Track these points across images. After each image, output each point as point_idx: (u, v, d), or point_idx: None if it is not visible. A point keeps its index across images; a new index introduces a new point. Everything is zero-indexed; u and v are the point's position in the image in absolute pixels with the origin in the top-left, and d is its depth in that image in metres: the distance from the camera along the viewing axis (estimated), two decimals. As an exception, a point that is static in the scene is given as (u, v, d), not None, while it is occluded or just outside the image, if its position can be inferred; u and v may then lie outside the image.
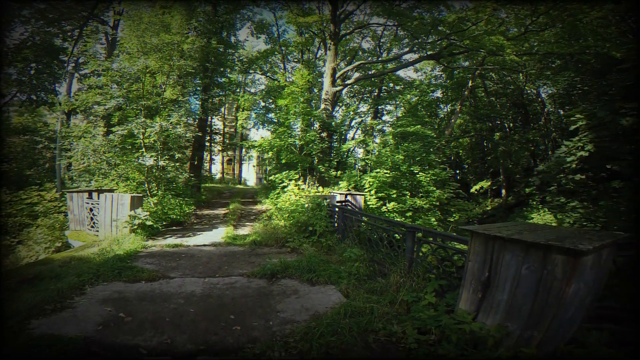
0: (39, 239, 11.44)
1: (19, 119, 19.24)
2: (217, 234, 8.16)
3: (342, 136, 22.64)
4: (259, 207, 14.17)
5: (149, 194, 9.84)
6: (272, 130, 17.51)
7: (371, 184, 12.83)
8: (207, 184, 24.38)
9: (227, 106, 33.73)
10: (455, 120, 21.44)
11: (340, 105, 23.69)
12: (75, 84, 16.67)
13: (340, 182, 14.27)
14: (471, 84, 19.89)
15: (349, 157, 19.01)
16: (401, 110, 23.23)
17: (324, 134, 15.07)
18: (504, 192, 20.81)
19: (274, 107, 20.51)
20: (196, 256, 5.97)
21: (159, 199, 9.62)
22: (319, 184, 13.90)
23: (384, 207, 12.82)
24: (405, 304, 3.65)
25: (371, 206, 12.42)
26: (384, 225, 6.00)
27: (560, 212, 11.81)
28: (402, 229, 4.91)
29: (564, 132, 15.78)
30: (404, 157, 13.76)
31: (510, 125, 23.12)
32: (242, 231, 8.80)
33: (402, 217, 12.29)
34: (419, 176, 13.73)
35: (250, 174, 42.26)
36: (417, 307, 3.40)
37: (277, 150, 14.22)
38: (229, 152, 36.84)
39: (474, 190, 22.66)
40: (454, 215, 15.71)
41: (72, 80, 16.07)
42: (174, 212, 9.47)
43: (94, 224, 8.35)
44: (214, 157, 34.83)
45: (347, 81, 17.70)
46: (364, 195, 10.38)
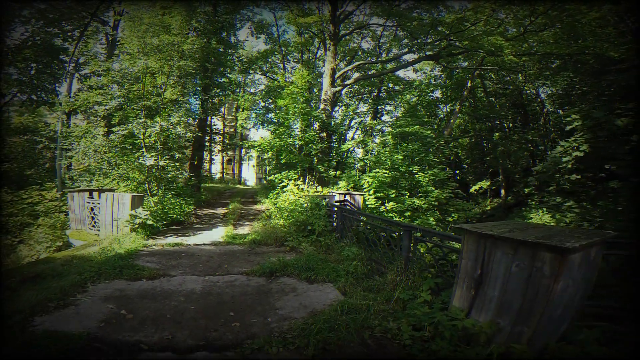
0: (40, 238, 11.53)
1: (19, 119, 19.30)
2: (217, 233, 8.22)
3: (342, 136, 22.69)
4: (259, 206, 14.23)
5: (150, 194, 9.91)
6: (271, 130, 17.56)
7: (370, 183, 12.89)
8: (207, 184, 24.45)
9: (227, 106, 33.78)
10: (454, 120, 21.48)
11: (340, 105, 23.74)
12: (75, 84, 16.73)
13: (339, 182, 14.33)
14: (470, 84, 19.92)
15: (348, 157, 19.08)
16: (401, 110, 23.26)
17: (324, 134, 15.14)
18: (503, 192, 20.86)
19: (273, 107, 20.57)
20: (196, 255, 6.04)
21: (159, 199, 9.69)
22: (318, 184, 13.96)
23: (382, 207, 12.88)
24: (401, 301, 3.71)
25: (370, 206, 12.47)
26: (381, 224, 6.06)
27: (556, 212, 11.88)
28: (399, 228, 4.98)
29: (563, 133, 15.85)
30: (403, 157, 13.81)
31: (509, 125, 23.13)
32: (242, 230, 8.87)
33: (401, 217, 12.34)
34: (417, 176, 13.79)
35: (250, 174, 42.32)
36: (413, 305, 3.46)
37: (277, 150, 14.30)
38: (229, 152, 36.90)
39: (473, 190, 22.71)
40: (452, 215, 15.76)
41: (72, 80, 16.13)
42: (174, 211, 9.54)
43: (95, 223, 8.42)
44: (213, 157, 34.90)
45: (347, 81, 17.73)
46: (362, 195, 10.44)
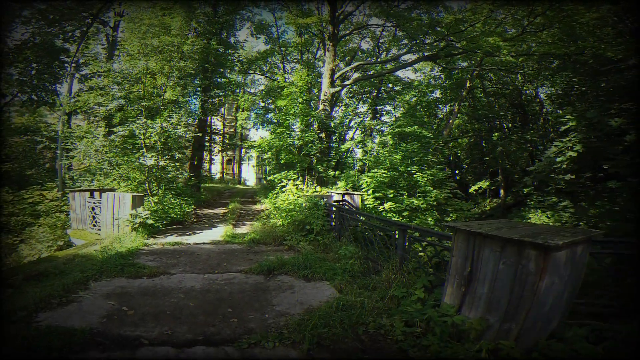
0: (41, 238, 11.64)
1: (20, 119, 19.40)
2: (217, 233, 8.31)
3: (341, 136, 22.76)
4: (258, 206, 14.32)
5: (150, 194, 10.01)
6: (271, 130, 17.64)
7: (368, 183, 12.97)
8: (207, 184, 24.54)
9: (226, 106, 33.86)
10: (453, 120, 21.55)
11: (339, 105, 23.82)
12: (75, 84, 16.84)
13: (338, 182, 14.41)
14: (469, 84, 19.99)
15: (347, 157, 19.14)
16: (400, 110, 23.33)
17: (323, 135, 15.21)
18: (503, 192, 20.94)
19: (273, 107, 20.66)
20: (196, 253, 6.13)
21: (159, 199, 9.78)
22: (317, 184, 14.05)
23: (381, 206, 12.95)
24: (396, 299, 3.80)
25: (368, 206, 12.54)
26: (378, 223, 6.14)
27: (550, 211, 11.96)
28: (394, 227, 5.06)
29: (562, 133, 15.93)
30: (401, 157, 13.88)
31: (508, 125, 23.17)
32: (241, 230, 8.96)
33: (399, 217, 12.40)
34: (416, 176, 13.85)
35: (249, 174, 42.42)
36: (406, 302, 3.55)
37: (276, 150, 14.38)
38: (229, 152, 37.00)
39: (472, 190, 22.77)
40: (451, 215, 15.85)
41: (73, 80, 16.23)
42: (174, 211, 9.62)
43: (96, 222, 8.52)
44: (213, 157, 35.01)
45: (346, 82, 17.80)
46: (361, 195, 10.52)
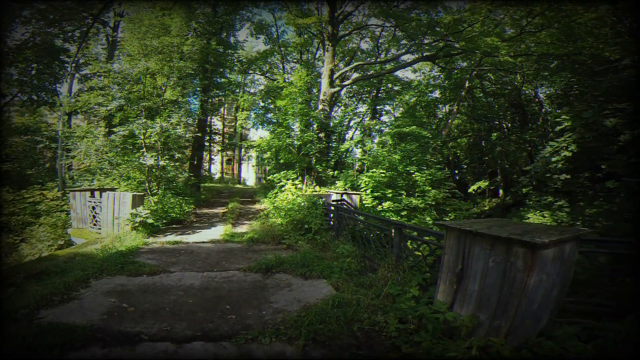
0: (41, 237, 11.72)
1: (20, 119, 19.47)
2: (216, 232, 8.38)
3: (341, 136, 22.83)
4: (258, 206, 14.39)
5: (150, 193, 10.08)
6: (271, 130, 17.72)
7: (367, 183, 13.04)
8: (207, 184, 24.62)
9: (226, 106, 33.93)
10: (452, 120, 21.60)
11: (339, 105, 23.87)
12: (75, 84, 16.90)
13: (337, 182, 14.48)
14: (468, 84, 20.03)
15: (346, 157, 19.22)
16: (399, 110, 23.39)
17: (322, 135, 15.27)
18: (502, 192, 20.99)
19: (273, 107, 20.72)
20: (195, 252, 6.20)
21: (159, 198, 9.86)
22: (316, 184, 14.13)
23: (379, 206, 13.02)
24: (391, 296, 3.87)
25: (367, 205, 12.62)
26: (375, 222, 6.21)
27: (546, 211, 12.02)
28: (391, 226, 5.13)
29: (558, 133, 15.99)
30: (400, 157, 13.95)
31: (507, 125, 23.23)
32: (240, 229, 9.02)
33: (398, 216, 12.48)
34: (415, 176, 13.93)
35: (249, 174, 42.49)
36: (401, 299, 3.62)
37: (276, 150, 14.45)
38: (229, 152, 37.07)
39: (471, 190, 22.80)
40: (450, 214, 15.89)
41: (72, 80, 16.29)
42: (174, 210, 9.70)
43: (97, 222, 8.59)
44: (213, 157, 35.08)
45: (345, 82, 17.85)
46: (359, 194, 10.59)
